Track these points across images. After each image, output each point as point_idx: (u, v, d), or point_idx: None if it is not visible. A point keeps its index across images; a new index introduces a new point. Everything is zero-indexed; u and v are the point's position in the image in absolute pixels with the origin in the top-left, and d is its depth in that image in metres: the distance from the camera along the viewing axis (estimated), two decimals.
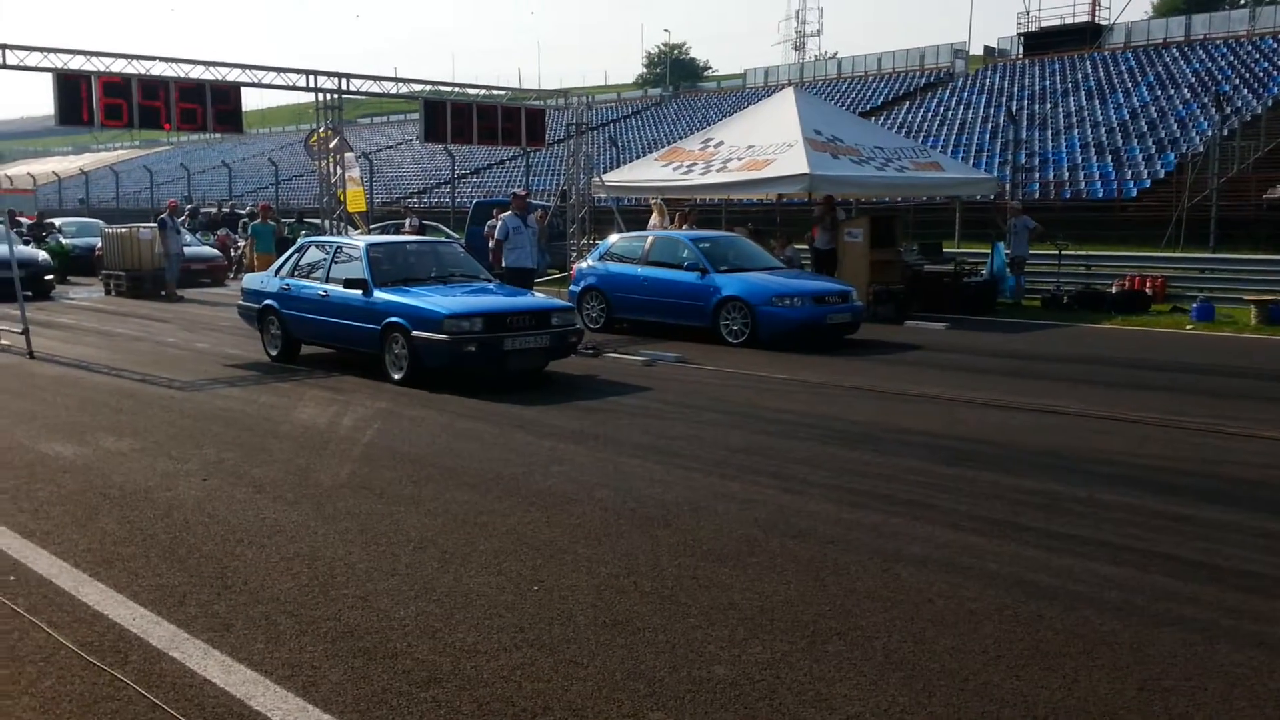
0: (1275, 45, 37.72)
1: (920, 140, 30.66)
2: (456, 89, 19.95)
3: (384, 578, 4.82)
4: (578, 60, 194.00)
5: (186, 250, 22.21)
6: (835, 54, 70.07)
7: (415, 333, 9.98)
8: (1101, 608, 4.47)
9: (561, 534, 5.50)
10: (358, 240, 11.93)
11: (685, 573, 4.90)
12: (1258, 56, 37.17)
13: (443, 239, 17.34)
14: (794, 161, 17.00)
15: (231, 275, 25.18)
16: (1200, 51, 39.42)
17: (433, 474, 6.77)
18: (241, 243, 25.62)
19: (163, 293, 20.55)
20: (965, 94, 42.10)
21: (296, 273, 11.76)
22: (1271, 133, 29.58)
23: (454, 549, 5.23)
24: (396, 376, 10.25)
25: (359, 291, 10.61)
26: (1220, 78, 35.63)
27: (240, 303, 12.67)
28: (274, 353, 11.90)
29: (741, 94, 53.85)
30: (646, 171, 20.57)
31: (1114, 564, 5.02)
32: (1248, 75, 35.63)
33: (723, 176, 18.31)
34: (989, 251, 19.57)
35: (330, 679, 3.80)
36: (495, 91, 19.81)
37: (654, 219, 19.56)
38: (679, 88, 67.99)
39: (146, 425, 8.38)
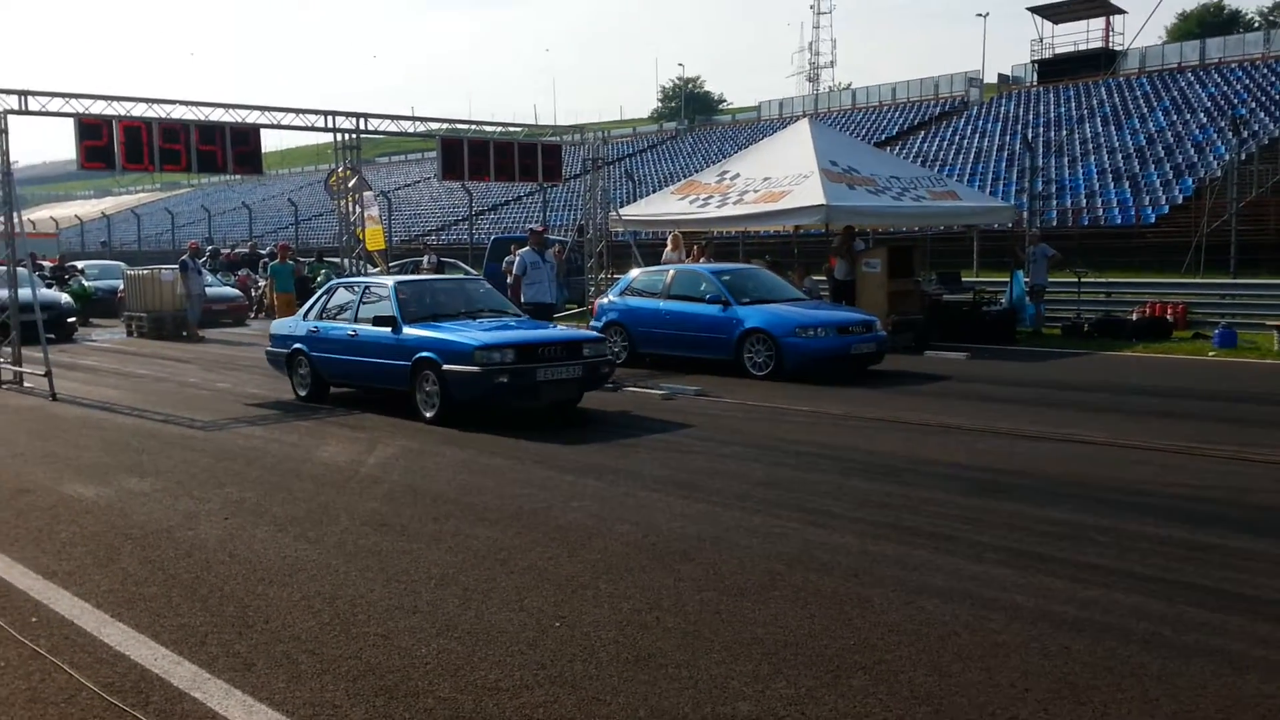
0: None
1: (936, 169, 30.68)
2: (473, 126, 20.09)
3: (405, 615, 4.81)
4: (593, 95, 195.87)
5: (208, 291, 22.44)
6: (849, 85, 70.47)
7: (446, 366, 9.91)
8: (1129, 639, 4.40)
9: (583, 569, 5.48)
10: (385, 280, 11.92)
11: (708, 607, 4.86)
12: (1274, 79, 37.09)
13: (469, 276, 17.28)
14: (810, 193, 17.03)
15: (252, 315, 25.40)
16: (1216, 75, 39.40)
17: (453, 510, 6.76)
18: (262, 283, 25.85)
19: (184, 333, 20.74)
20: (980, 122, 42.18)
21: (325, 314, 11.77)
22: None
23: (475, 586, 5.21)
24: (428, 415, 10.14)
25: (388, 329, 10.60)
26: (1236, 101, 35.56)
27: (268, 349, 12.59)
28: (303, 394, 11.89)
29: (756, 126, 54.14)
30: (663, 205, 20.65)
31: (1142, 595, 4.95)
32: (1264, 98, 35.54)
33: (739, 209, 18.35)
34: (1008, 280, 19.52)
35: (352, 718, 3.78)
36: (512, 128, 19.97)
37: (669, 251, 19.63)
38: (694, 121, 68.39)
39: (168, 465, 8.42)
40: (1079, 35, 47.21)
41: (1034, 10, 46.12)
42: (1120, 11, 46.67)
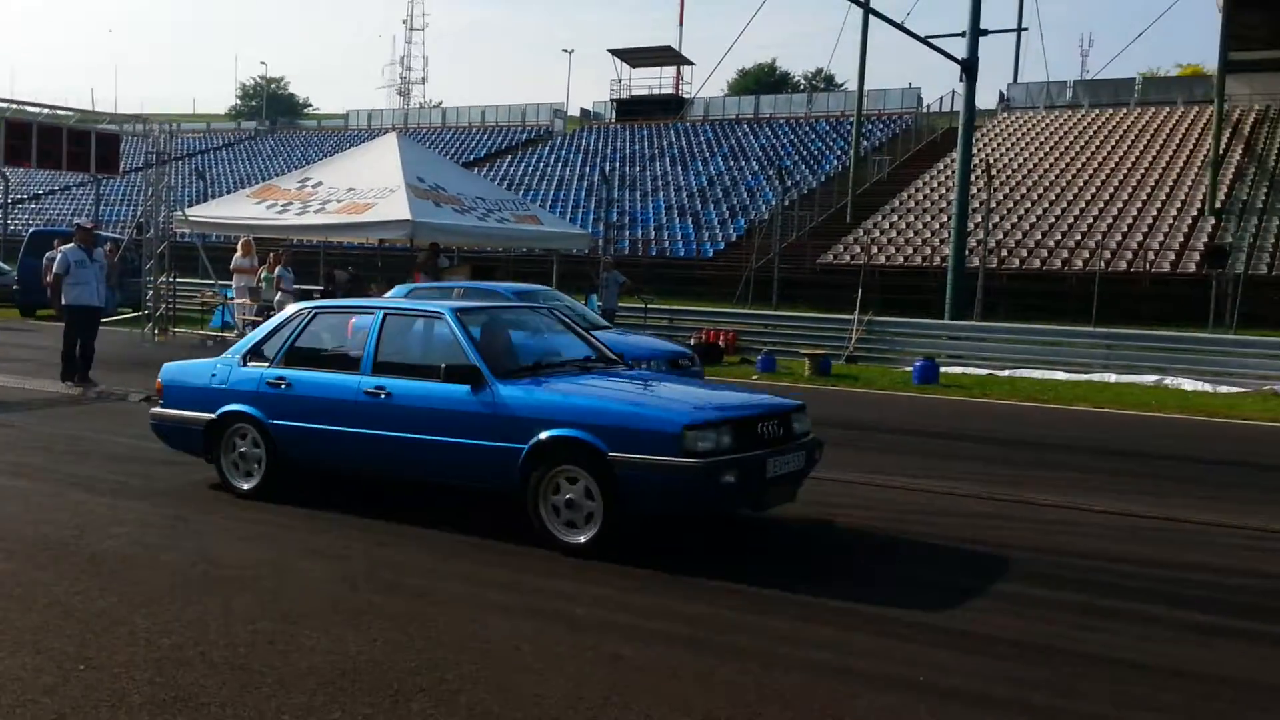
0: (828, 127, 43.20)
1: (521, 194, 31.64)
2: (14, 105, 17.74)
3: None
4: (162, 84, 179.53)
5: None
6: (440, 103, 70.79)
7: (616, 454, 5.81)
8: (674, 643, 4.69)
9: (118, 603, 4.93)
10: (438, 305, 7.05)
11: (261, 638, 4.56)
12: (814, 136, 42.34)
13: (549, 303, 11.09)
14: (396, 207, 16.86)
15: None
16: (767, 129, 44.21)
17: None
18: None
19: None
20: (563, 152, 44.15)
21: (295, 357, 7.19)
22: (824, 204, 33.74)
23: None
24: (571, 540, 6.00)
25: (464, 386, 6.33)
26: (783, 153, 40.15)
27: (156, 410, 7.68)
28: (246, 487, 7.18)
29: (344, 135, 52.74)
30: (237, 208, 19.47)
31: (683, 598, 5.32)
32: (805, 153, 40.46)
33: (321, 218, 17.75)
34: (583, 303, 20.52)
35: None
36: (61, 112, 17.87)
37: (239, 257, 18.59)
38: (276, 123, 65.23)
39: None
40: (653, 80, 51.09)
41: (614, 53, 49.24)
42: (689, 63, 51.26)
